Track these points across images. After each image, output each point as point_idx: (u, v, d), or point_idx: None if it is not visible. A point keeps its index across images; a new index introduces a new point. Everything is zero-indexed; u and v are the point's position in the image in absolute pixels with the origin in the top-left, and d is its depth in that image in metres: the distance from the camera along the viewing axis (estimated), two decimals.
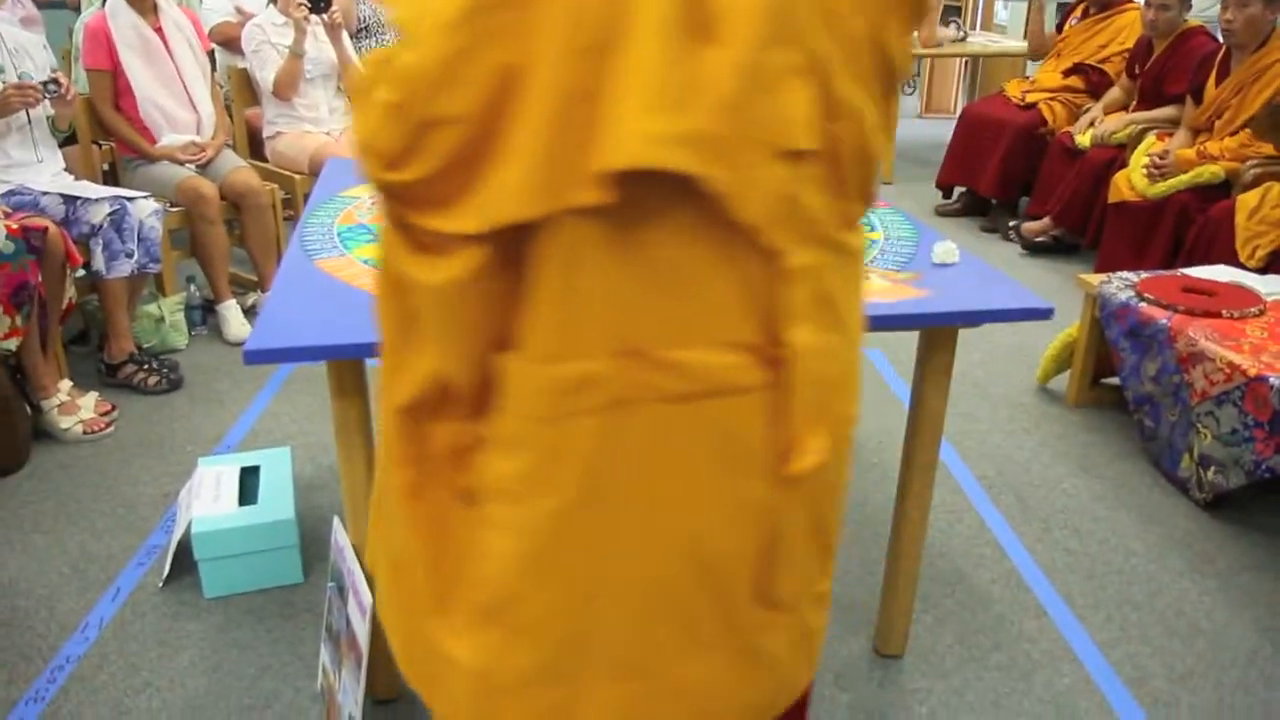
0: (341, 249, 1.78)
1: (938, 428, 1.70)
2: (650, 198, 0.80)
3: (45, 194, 2.92)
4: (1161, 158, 3.69)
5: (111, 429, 2.76)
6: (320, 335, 1.44)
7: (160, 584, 2.10)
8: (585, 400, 0.84)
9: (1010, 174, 4.65)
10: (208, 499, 2.13)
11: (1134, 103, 4.27)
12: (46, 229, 2.64)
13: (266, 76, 3.79)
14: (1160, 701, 1.83)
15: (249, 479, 2.22)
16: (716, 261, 0.83)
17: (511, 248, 0.82)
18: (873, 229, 1.93)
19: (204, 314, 3.48)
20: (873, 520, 2.35)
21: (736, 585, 0.93)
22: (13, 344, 2.58)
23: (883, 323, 1.53)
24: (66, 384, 2.78)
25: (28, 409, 2.68)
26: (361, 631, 1.57)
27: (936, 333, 1.63)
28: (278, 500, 2.14)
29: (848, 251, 0.92)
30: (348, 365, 1.52)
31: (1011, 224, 4.54)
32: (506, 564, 0.90)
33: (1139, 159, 3.82)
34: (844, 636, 1.97)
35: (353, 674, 1.60)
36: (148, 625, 1.98)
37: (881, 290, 1.60)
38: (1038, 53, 4.97)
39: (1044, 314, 1.55)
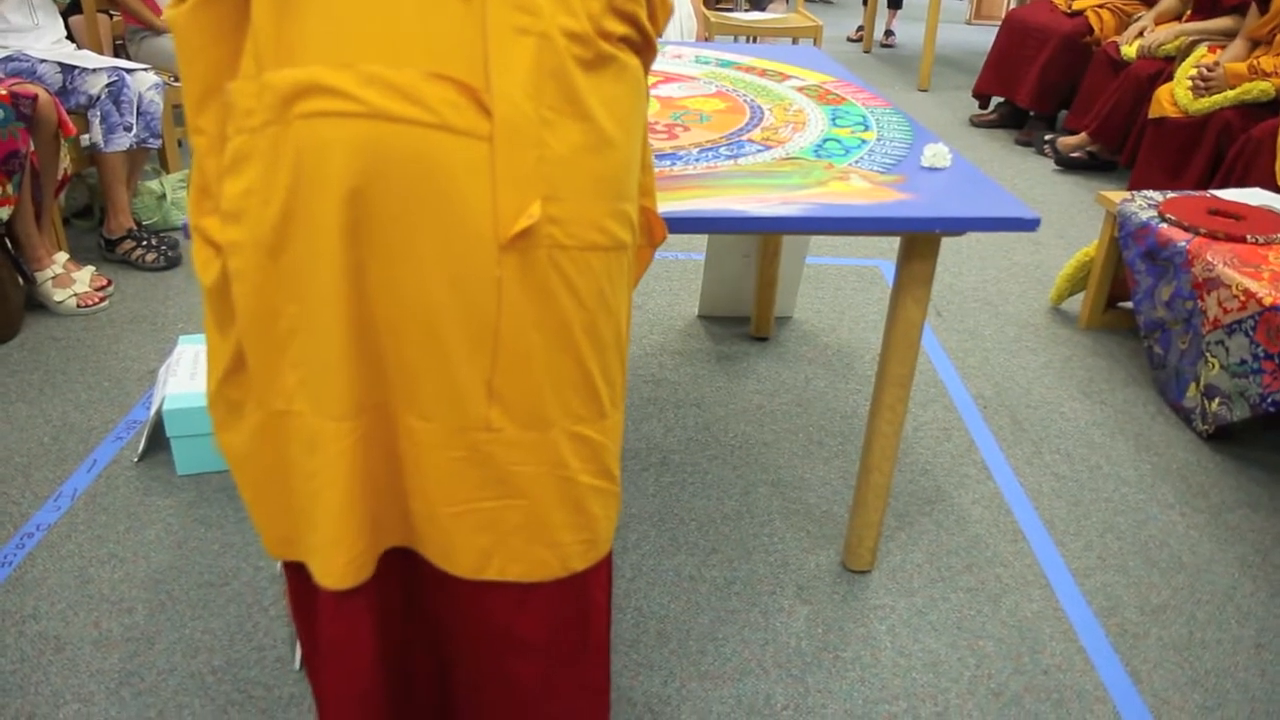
0: None
1: (914, 339, 1.63)
2: None
3: (43, 61, 2.86)
4: (1210, 69, 3.47)
5: (106, 303, 2.76)
6: None
7: (135, 459, 2.11)
8: (299, 107, 0.85)
9: (1050, 85, 4.44)
10: (184, 376, 2.12)
11: (1188, 12, 4.03)
12: (36, 96, 2.59)
13: None
14: (1128, 633, 1.78)
15: None
16: None
17: None
18: (866, 128, 1.82)
19: None
20: (857, 434, 2.30)
21: (459, 357, 0.93)
22: (4, 213, 2.56)
23: (854, 225, 1.45)
24: (62, 256, 2.77)
25: (20, 280, 2.67)
26: None
27: (916, 239, 1.54)
28: None
29: (598, 49, 0.91)
30: None
31: (1047, 138, 4.35)
32: (243, 291, 0.93)
33: (1185, 72, 3.61)
34: (812, 549, 1.94)
35: None
36: (119, 499, 1.99)
37: (859, 191, 1.51)
38: None
39: (1029, 225, 1.46)
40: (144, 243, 3.00)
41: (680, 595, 1.80)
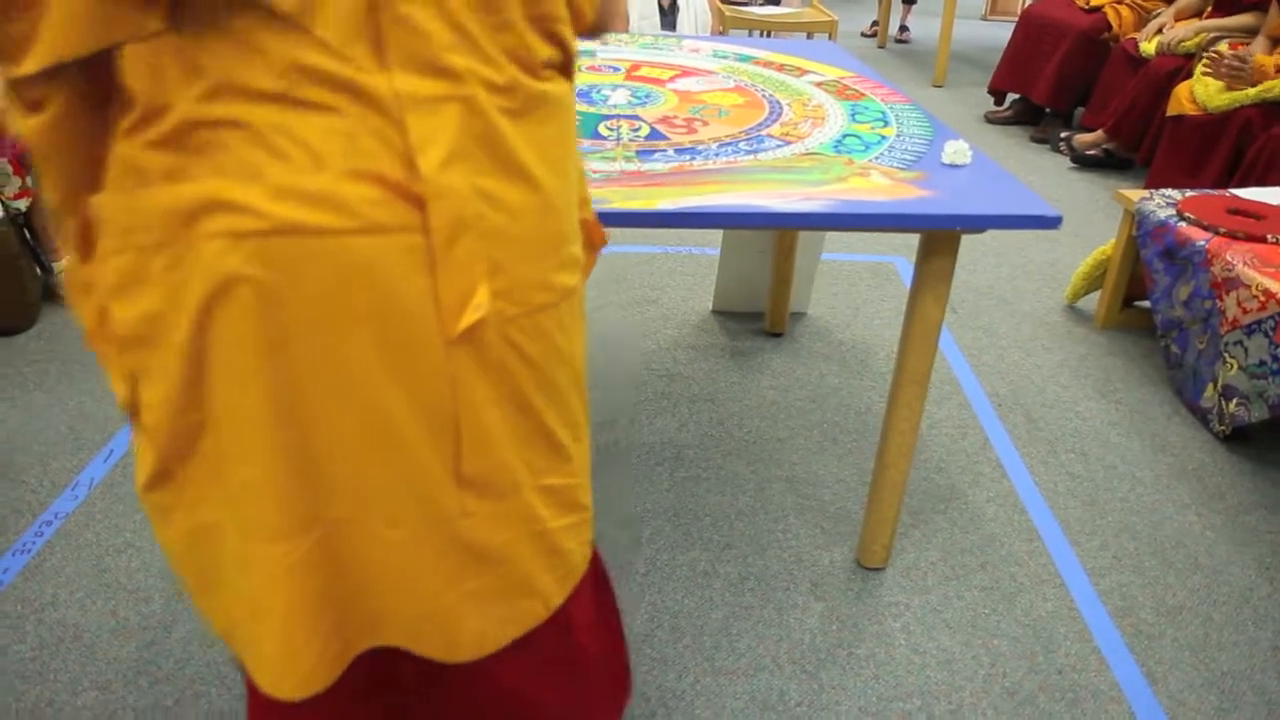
0: None
1: (932, 336, 1.62)
2: (217, 11, 0.73)
3: None
4: (1242, 58, 3.41)
5: None
6: None
7: None
8: (201, 226, 0.76)
9: (1067, 82, 4.41)
10: None
11: (1209, 9, 4.00)
12: None
13: None
14: (1143, 633, 1.78)
15: None
16: None
17: (100, 84, 0.76)
18: (886, 124, 1.82)
19: None
20: (871, 430, 2.29)
21: (422, 457, 0.86)
22: (23, 204, 2.57)
23: (875, 221, 1.45)
24: None
25: (39, 270, 2.68)
26: None
27: (936, 236, 1.53)
28: None
29: (525, 93, 0.83)
30: None
31: (1063, 135, 4.33)
32: (154, 420, 0.85)
33: (1206, 67, 3.58)
34: (826, 545, 1.93)
35: None
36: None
37: (879, 188, 1.51)
38: None
39: (1051, 223, 1.45)
40: None
41: (694, 590, 1.80)
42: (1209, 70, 3.48)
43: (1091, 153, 4.15)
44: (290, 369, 0.81)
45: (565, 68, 0.90)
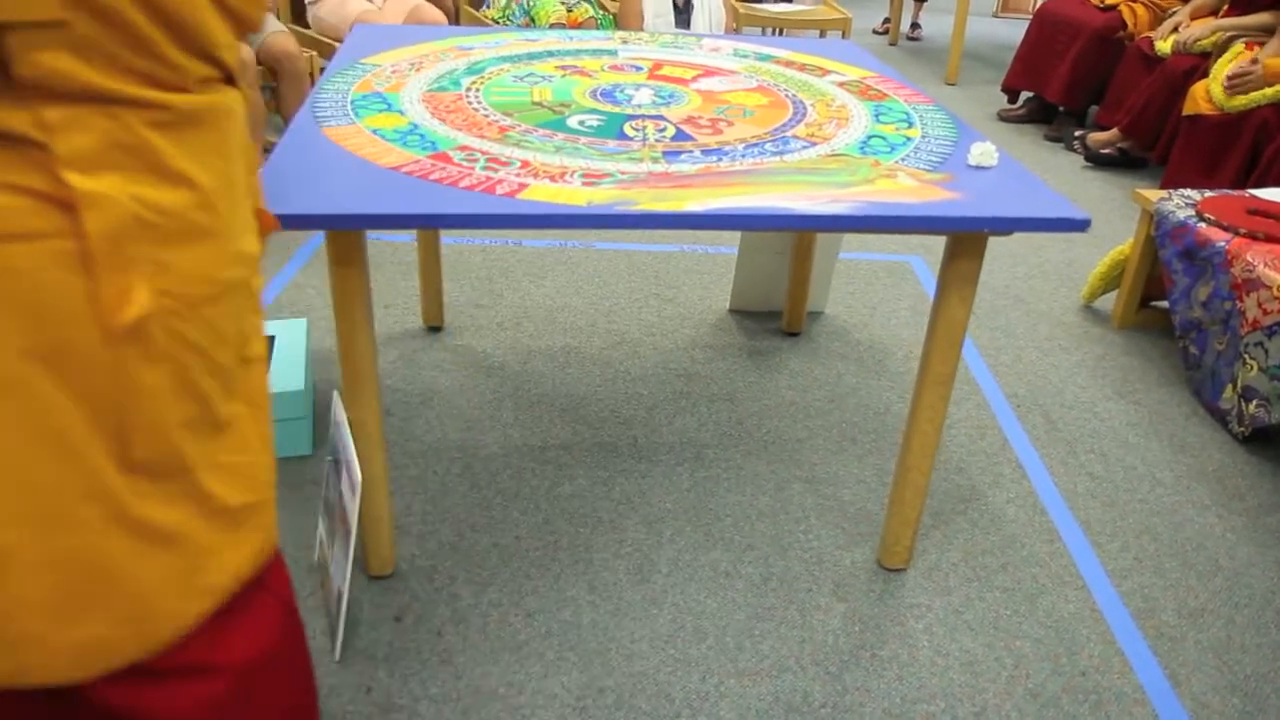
0: (352, 117, 1.71)
1: (957, 339, 1.62)
2: None
3: None
4: (1242, 71, 3.43)
5: None
6: (319, 204, 1.40)
7: None
8: None
9: (1081, 80, 4.40)
10: None
11: (1225, 7, 3.98)
12: None
13: None
14: (1166, 635, 1.77)
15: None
16: None
17: None
18: (910, 125, 1.81)
19: None
20: (890, 430, 2.29)
21: (82, 445, 0.88)
22: None
23: (905, 224, 1.45)
24: None
25: None
26: (351, 508, 1.57)
27: (963, 238, 1.53)
28: (289, 372, 2.13)
29: (177, 109, 0.87)
30: (347, 236, 1.49)
31: (1077, 134, 4.32)
32: None
33: (1222, 68, 3.58)
34: (847, 546, 1.93)
35: (343, 548, 1.61)
36: None
37: (907, 190, 1.50)
38: None
39: (1079, 225, 1.45)
40: None
41: (717, 591, 1.80)
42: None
43: (1106, 151, 4.14)
44: None
45: (226, 79, 0.95)
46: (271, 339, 2.24)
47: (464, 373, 2.44)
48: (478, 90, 1.89)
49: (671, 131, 1.72)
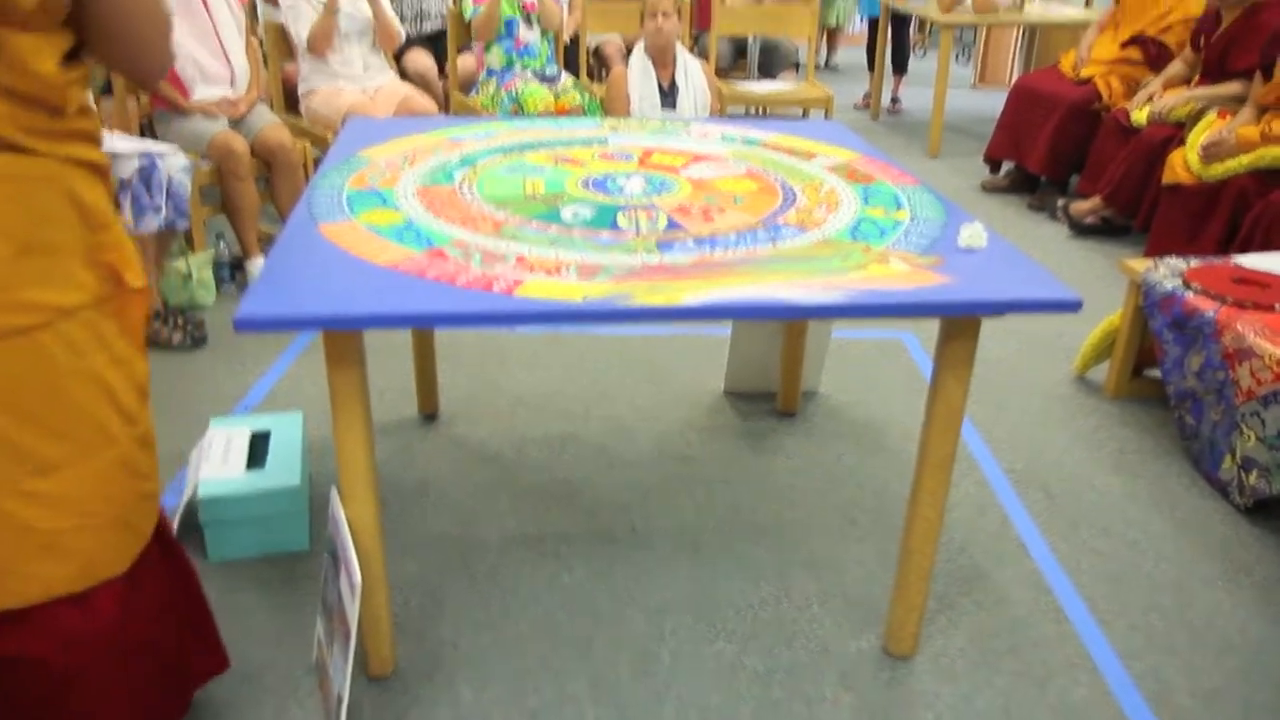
0: (348, 213, 1.73)
1: (955, 421, 1.62)
2: None
3: None
4: (1214, 143, 3.49)
5: None
6: (316, 304, 1.40)
7: None
8: None
9: (1061, 151, 4.48)
10: (217, 461, 2.11)
11: (1196, 77, 4.08)
12: None
13: (300, 32, 3.75)
14: None
15: (260, 443, 2.20)
16: None
17: None
18: (899, 207, 1.84)
19: (232, 271, 3.48)
20: (890, 511, 2.28)
21: None
22: None
23: (899, 311, 1.46)
24: None
25: None
26: (351, 611, 1.54)
27: (957, 321, 1.54)
28: (286, 466, 2.11)
29: None
30: (345, 335, 1.48)
31: (1060, 203, 4.38)
32: None
33: (1197, 137, 3.65)
34: (853, 633, 1.90)
35: (342, 650, 1.57)
36: None
37: (900, 275, 1.51)
38: None
39: (1072, 306, 1.46)
40: (170, 322, 3.01)
41: (721, 685, 1.77)
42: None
43: (1089, 220, 4.20)
44: None
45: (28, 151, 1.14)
46: (267, 434, 2.22)
47: (460, 462, 2.43)
48: (471, 183, 1.91)
49: (664, 221, 1.73)
